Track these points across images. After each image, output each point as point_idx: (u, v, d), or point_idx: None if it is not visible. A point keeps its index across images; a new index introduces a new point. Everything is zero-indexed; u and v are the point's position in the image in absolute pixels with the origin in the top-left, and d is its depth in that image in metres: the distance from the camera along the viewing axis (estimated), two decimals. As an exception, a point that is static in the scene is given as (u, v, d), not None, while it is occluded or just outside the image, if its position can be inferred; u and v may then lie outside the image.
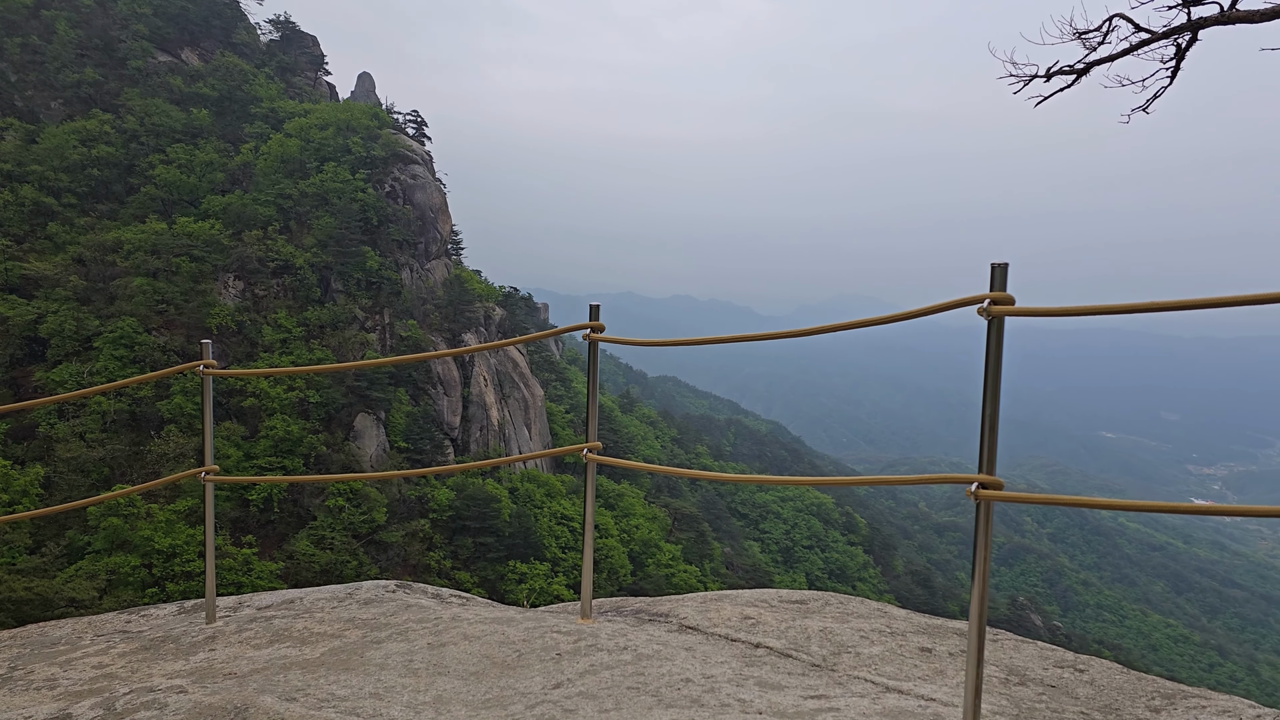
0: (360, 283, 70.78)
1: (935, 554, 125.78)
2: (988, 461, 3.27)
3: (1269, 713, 3.82)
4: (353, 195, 72.79)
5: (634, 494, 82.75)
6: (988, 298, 3.18)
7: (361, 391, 63.83)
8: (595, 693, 3.79)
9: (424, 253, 78.67)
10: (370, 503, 58.52)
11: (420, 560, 59.72)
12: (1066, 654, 4.68)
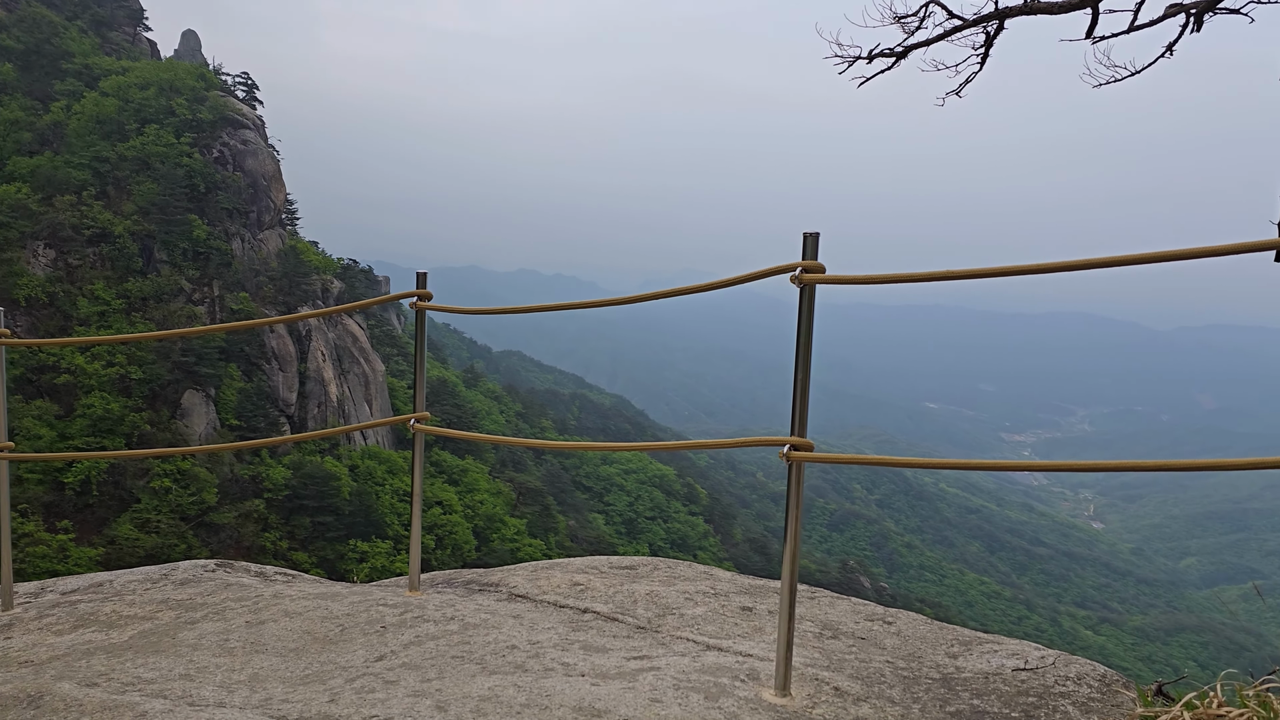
0: (187, 253, 67.01)
1: (773, 522, 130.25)
2: (799, 424, 3.40)
3: (1051, 653, 4.15)
4: (177, 160, 68.68)
5: (478, 469, 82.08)
6: (799, 266, 3.30)
7: (189, 367, 60.65)
8: (419, 663, 3.76)
9: (256, 222, 75.15)
10: (200, 483, 55.86)
11: (255, 542, 57.48)
12: (877, 608, 4.94)
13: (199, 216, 67.75)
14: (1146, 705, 3.55)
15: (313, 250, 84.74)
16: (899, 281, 3.30)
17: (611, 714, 3.17)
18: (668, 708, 3.25)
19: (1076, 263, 3.11)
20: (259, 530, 58.38)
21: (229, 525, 56.49)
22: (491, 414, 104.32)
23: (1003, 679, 3.87)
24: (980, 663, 4.07)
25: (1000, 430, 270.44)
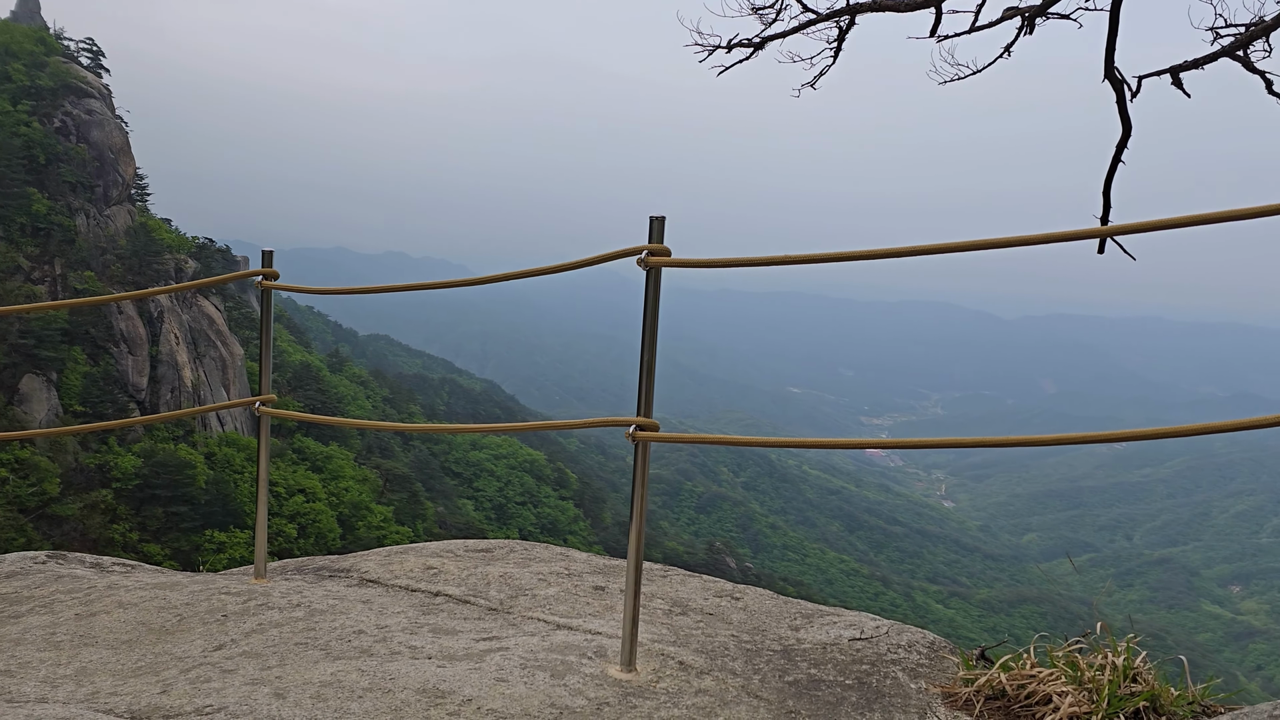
0: (25, 228, 62.87)
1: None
2: (645, 405, 3.47)
3: (886, 623, 4.36)
4: (14, 129, 64.29)
5: (344, 456, 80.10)
6: (646, 249, 3.36)
7: (28, 350, 57.04)
8: (260, 651, 3.67)
9: (103, 197, 71.09)
10: (40, 472, 52.65)
11: (102, 534, 54.60)
12: (726, 585, 5.08)
13: (38, 190, 63.63)
14: (969, 668, 3.78)
15: (165, 228, 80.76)
16: (741, 265, 3.39)
17: (456, 695, 3.18)
18: (513, 686, 3.27)
19: (908, 249, 3.26)
20: (106, 522, 55.50)
21: (73, 518, 53.50)
22: (358, 399, 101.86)
23: (839, 649, 4.05)
24: (820, 634, 4.25)
25: (859, 414, 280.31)
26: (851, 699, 3.58)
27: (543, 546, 5.81)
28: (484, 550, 5.53)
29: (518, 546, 5.69)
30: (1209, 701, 3.61)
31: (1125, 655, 3.58)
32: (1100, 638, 3.79)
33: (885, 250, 3.31)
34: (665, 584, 5.04)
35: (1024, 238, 3.09)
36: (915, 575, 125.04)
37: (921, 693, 3.69)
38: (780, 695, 3.51)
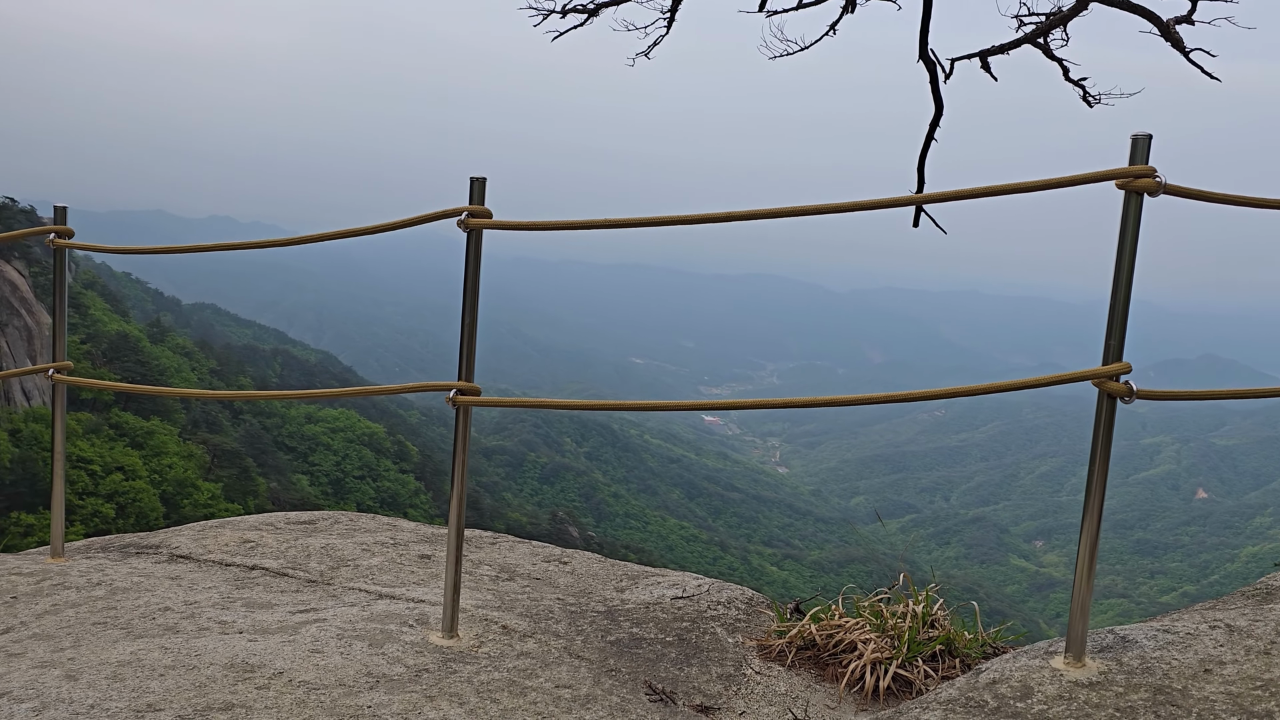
0: None
1: (485, 476, 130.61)
2: (467, 369, 3.43)
3: (707, 581, 4.49)
4: None
5: (167, 430, 75.85)
6: (466, 210, 3.30)
7: None
8: (52, 633, 3.45)
9: (-122, 149, 64.39)
10: None
11: (-118, 521, 49.99)
12: (555, 550, 5.11)
13: None
14: (783, 621, 3.94)
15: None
16: (562, 228, 3.39)
17: (266, 668, 3.08)
18: (328, 657, 3.20)
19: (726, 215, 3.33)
20: (-111, 507, 50.84)
21: None
22: (182, 371, 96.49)
23: (662, 608, 4.14)
24: (644, 594, 4.33)
25: (699, 384, 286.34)
26: (671, 655, 3.67)
27: (369, 517, 5.68)
28: (306, 522, 5.37)
29: (342, 518, 5.55)
30: (999, 643, 3.88)
31: (924, 604, 3.81)
32: (903, 588, 4.02)
33: (704, 216, 3.37)
34: (494, 551, 5.03)
35: (837, 204, 3.21)
36: (752, 539, 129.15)
37: (738, 646, 3.82)
38: (602, 654, 3.57)
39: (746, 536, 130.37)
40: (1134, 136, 2.86)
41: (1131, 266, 2.89)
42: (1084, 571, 3.04)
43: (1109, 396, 2.92)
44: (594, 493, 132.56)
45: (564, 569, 4.74)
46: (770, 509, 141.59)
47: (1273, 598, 3.64)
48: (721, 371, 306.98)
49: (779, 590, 7.19)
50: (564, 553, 5.03)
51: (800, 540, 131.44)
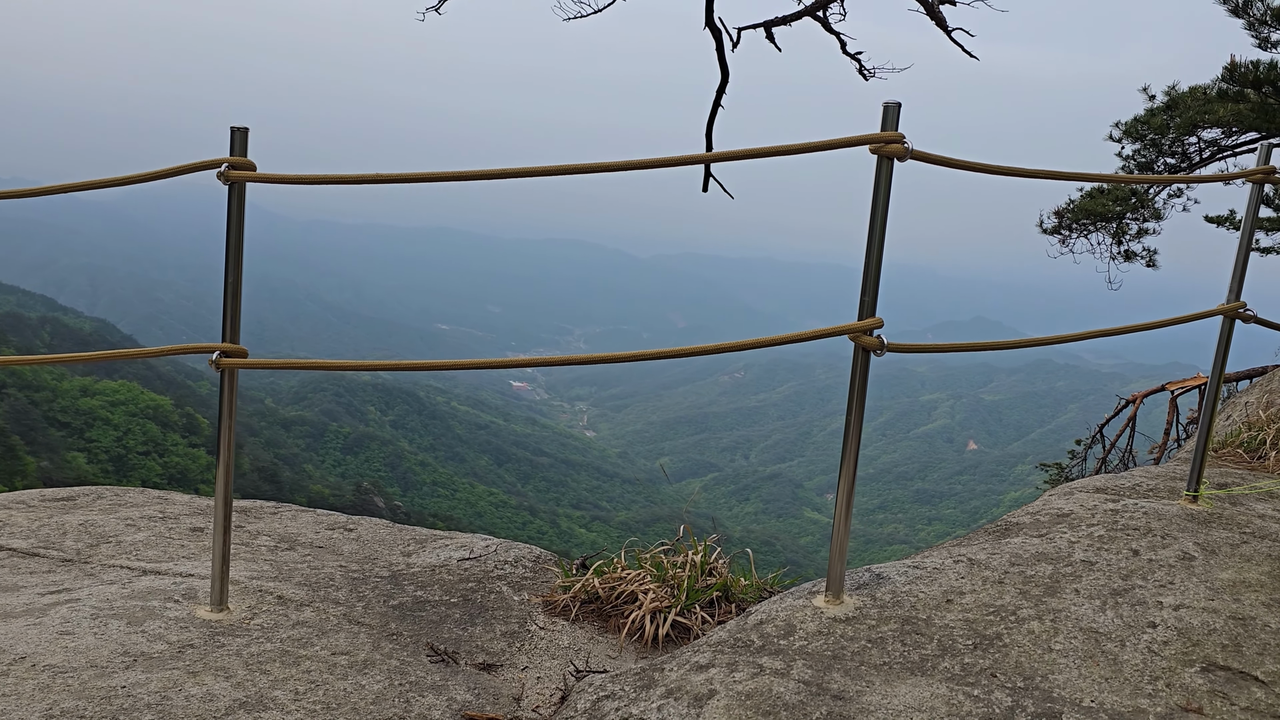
0: None
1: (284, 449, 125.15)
2: (232, 330, 3.26)
3: (495, 541, 4.49)
4: None
5: (-91, 408, 68.42)
6: (226, 162, 3.13)
7: None
8: None
9: None
10: None
11: None
12: (340, 517, 4.97)
13: None
14: (568, 577, 4.00)
15: None
16: (331, 183, 3.27)
17: (6, 654, 2.85)
18: (79, 639, 3.00)
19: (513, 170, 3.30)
20: None
21: None
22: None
23: (448, 570, 4.11)
24: (431, 557, 4.29)
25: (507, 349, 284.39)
26: (455, 615, 3.66)
27: (138, 491, 5.34)
28: (65, 499, 4.99)
29: (107, 493, 5.19)
30: (775, 587, 4.09)
31: (703, 553, 3.96)
32: (684, 539, 4.16)
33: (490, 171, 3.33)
34: (275, 521, 4.84)
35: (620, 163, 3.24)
36: (560, 503, 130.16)
37: (524, 603, 3.85)
38: (383, 619, 3.51)
39: (555, 500, 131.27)
40: (885, 104, 3.03)
41: (883, 227, 3.07)
42: (841, 515, 3.24)
43: (863, 350, 3.11)
44: (400, 462, 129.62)
45: (349, 536, 4.62)
46: (578, 472, 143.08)
47: (1009, 533, 4.00)
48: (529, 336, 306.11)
49: (587, 550, 7.39)
50: (350, 519, 4.91)
51: (608, 502, 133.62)
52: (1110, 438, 14.82)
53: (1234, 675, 2.81)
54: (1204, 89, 9.43)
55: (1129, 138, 10.37)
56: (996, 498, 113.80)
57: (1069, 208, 10.69)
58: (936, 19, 6.94)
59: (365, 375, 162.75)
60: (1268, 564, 3.57)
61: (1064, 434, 23.19)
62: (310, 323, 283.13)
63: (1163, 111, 9.86)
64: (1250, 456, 5.77)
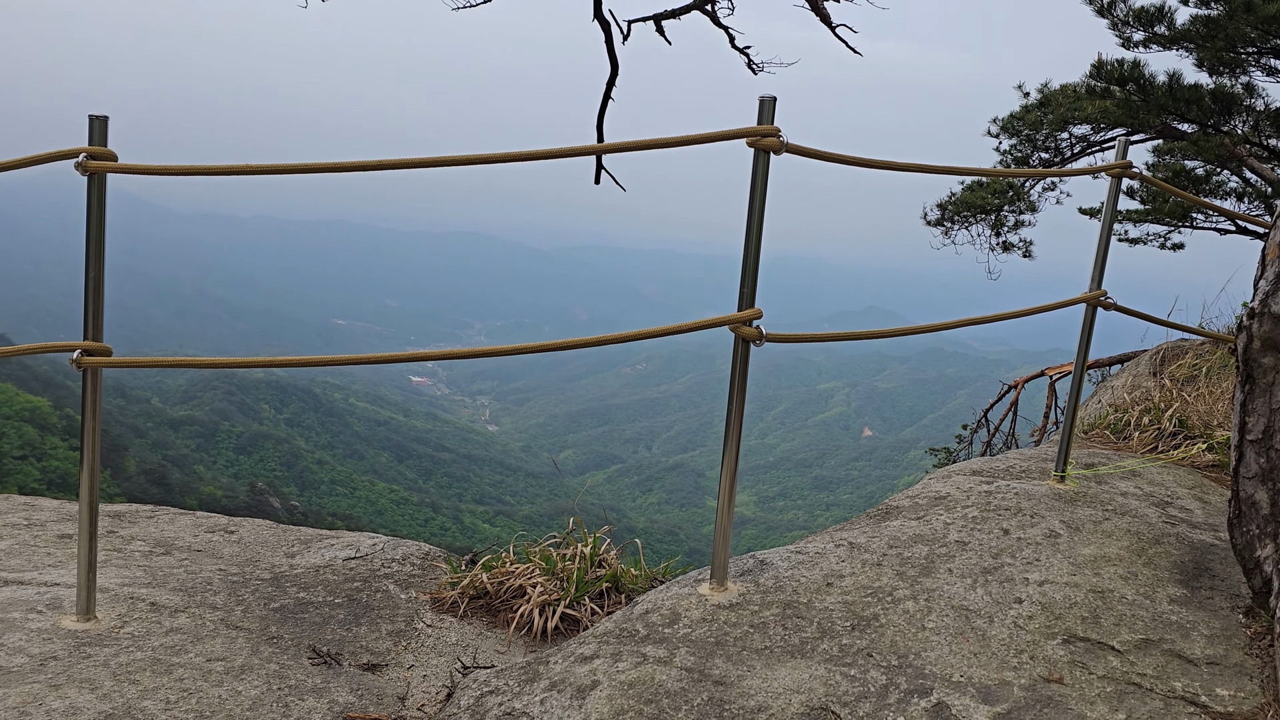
0: None
1: (172, 450, 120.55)
2: (94, 328, 3.13)
3: (383, 539, 4.42)
4: None
5: None
6: (84, 152, 3.00)
7: None
8: None
9: None
10: None
11: None
12: (221, 519, 4.82)
13: None
14: (456, 573, 3.96)
15: None
16: (199, 174, 3.15)
17: None
18: (-70, 655, 2.84)
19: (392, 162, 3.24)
20: None
21: None
22: None
23: (333, 570, 4.03)
24: (315, 558, 4.20)
25: (406, 344, 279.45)
26: (339, 616, 3.59)
27: (2, 498, 5.08)
28: (-81, 508, 4.71)
29: (-33, 500, 4.92)
30: (665, 577, 4.12)
31: (592, 545, 3.97)
32: (574, 532, 4.17)
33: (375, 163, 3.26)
34: (151, 525, 4.67)
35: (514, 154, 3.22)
36: (463, 498, 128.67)
37: (411, 601, 3.81)
38: (263, 623, 3.42)
39: (458, 496, 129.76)
40: (760, 98, 3.08)
41: (761, 220, 3.12)
42: (725, 504, 3.29)
43: (743, 340, 3.16)
44: (296, 461, 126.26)
45: (230, 538, 4.49)
46: (481, 467, 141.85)
47: (890, 516, 4.12)
48: (429, 331, 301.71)
49: (492, 544, 7.26)
50: (231, 521, 4.76)
51: (512, 496, 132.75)
52: (995, 422, 15.40)
53: (1092, 646, 2.96)
54: (1074, 87, 9.86)
55: (1006, 133, 10.79)
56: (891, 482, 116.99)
57: (950, 201, 11.07)
58: (820, 14, 7.08)
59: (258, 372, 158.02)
60: (1127, 539, 3.76)
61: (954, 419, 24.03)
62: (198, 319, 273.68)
63: (1036, 108, 10.28)
64: (1116, 437, 6.07)
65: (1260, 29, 7.59)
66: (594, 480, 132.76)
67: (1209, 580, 3.52)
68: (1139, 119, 9.05)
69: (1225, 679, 2.83)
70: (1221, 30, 8.01)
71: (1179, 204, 10.25)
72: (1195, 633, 3.08)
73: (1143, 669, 2.84)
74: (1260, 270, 3.32)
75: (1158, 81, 8.96)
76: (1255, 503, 3.20)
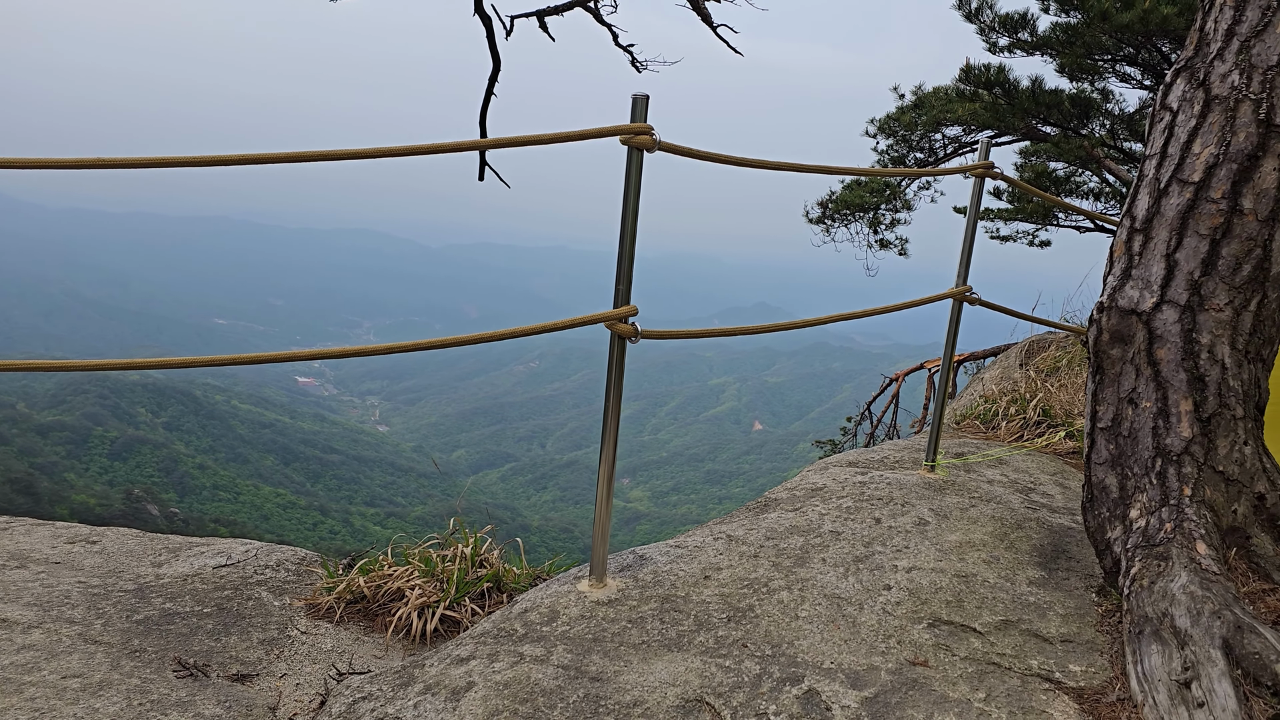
0: None
1: (40, 457, 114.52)
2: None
3: (256, 545, 4.29)
4: None
5: None
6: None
7: None
8: None
9: None
10: None
11: None
12: (83, 529, 4.60)
13: None
14: (332, 577, 3.87)
15: None
16: (64, 167, 2.99)
17: None
18: None
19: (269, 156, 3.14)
20: None
21: None
22: None
23: (202, 578, 3.89)
24: (184, 567, 4.04)
25: (291, 344, 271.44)
26: (208, 626, 3.47)
27: None
28: None
29: None
30: (548, 574, 4.11)
31: (473, 545, 3.94)
32: (454, 532, 4.12)
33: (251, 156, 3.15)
34: (5, 537, 4.42)
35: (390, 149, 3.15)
36: (353, 501, 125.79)
37: (285, 608, 3.70)
38: (125, 636, 3.28)
39: (348, 498, 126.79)
40: (634, 96, 3.10)
41: (635, 217, 3.14)
42: (602, 500, 3.30)
43: (619, 337, 3.17)
44: (176, 466, 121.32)
45: (92, 549, 4.29)
46: (371, 468, 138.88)
47: (768, 509, 4.20)
48: (316, 330, 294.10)
49: (384, 547, 7.05)
50: (94, 531, 4.55)
51: (403, 497, 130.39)
52: (877, 414, 15.86)
53: (956, 628, 3.07)
54: (946, 89, 10.23)
55: (883, 134, 11.11)
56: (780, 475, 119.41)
57: (830, 199, 11.35)
58: (701, 14, 7.16)
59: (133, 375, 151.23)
60: (991, 525, 3.93)
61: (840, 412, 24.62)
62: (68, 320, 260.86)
63: (911, 110, 10.63)
64: (986, 427, 6.32)
65: (1115, 37, 8.01)
66: (488, 479, 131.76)
67: (1066, 562, 3.70)
68: (1005, 121, 9.45)
69: (1078, 655, 2.98)
70: (1080, 38, 8.43)
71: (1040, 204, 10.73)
72: (1051, 612, 3.23)
73: (1002, 649, 2.97)
74: (1109, 266, 3.50)
75: (1021, 86, 9.37)
76: (1106, 487, 3.38)
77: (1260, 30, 3.13)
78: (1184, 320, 3.23)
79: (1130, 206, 3.43)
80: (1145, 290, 3.30)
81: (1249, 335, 3.23)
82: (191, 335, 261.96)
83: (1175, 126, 3.30)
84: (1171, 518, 3.13)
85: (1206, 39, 3.28)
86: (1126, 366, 3.34)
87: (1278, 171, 3.11)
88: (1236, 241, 3.17)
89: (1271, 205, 3.13)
